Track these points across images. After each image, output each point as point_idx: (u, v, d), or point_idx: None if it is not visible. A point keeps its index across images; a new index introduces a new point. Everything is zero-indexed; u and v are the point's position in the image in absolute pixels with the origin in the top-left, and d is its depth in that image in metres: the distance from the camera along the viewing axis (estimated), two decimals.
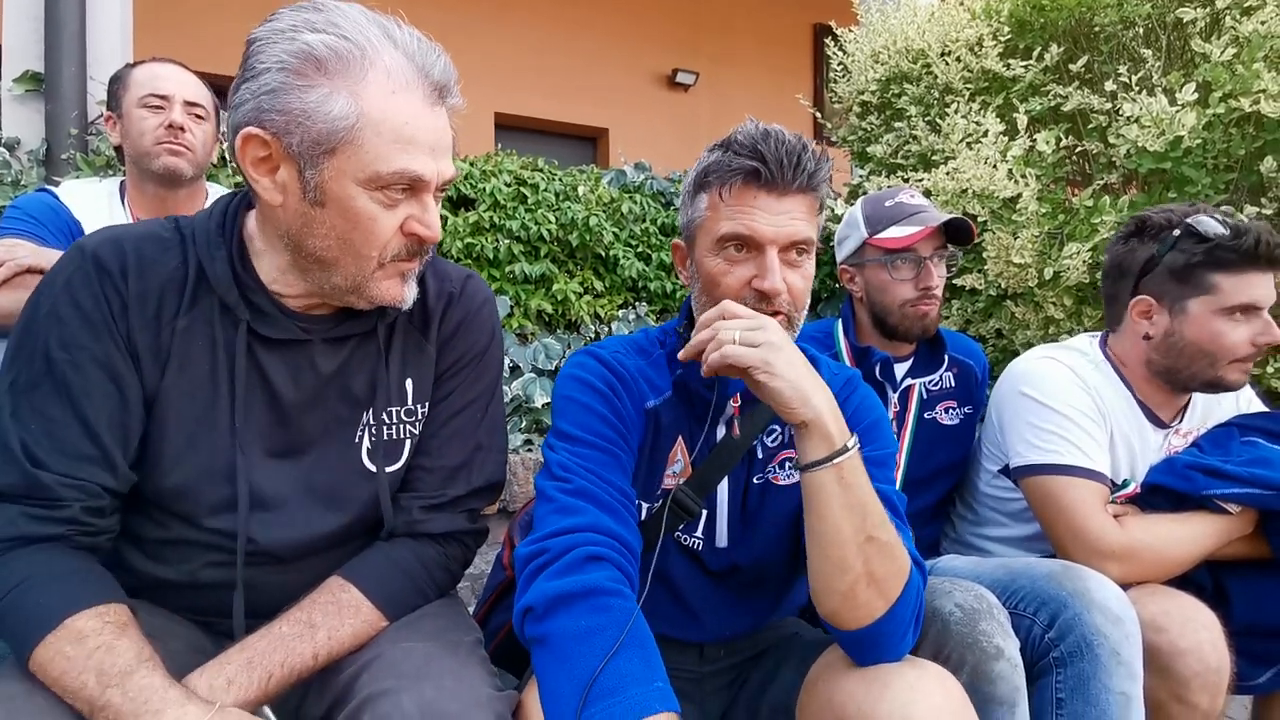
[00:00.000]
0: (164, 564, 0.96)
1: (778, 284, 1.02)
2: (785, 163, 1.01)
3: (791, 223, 1.02)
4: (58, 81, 2.78)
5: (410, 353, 1.04)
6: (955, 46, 2.75)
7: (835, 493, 0.90)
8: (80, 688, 0.77)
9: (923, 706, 0.87)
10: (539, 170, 3.10)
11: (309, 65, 0.82)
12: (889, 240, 1.61)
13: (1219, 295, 1.35)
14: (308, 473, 0.98)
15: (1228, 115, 2.07)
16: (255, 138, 0.85)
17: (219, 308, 0.94)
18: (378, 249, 0.90)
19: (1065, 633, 1.14)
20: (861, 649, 0.95)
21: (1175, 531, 1.32)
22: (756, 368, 0.91)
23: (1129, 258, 1.46)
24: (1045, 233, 2.33)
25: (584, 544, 0.92)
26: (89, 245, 0.92)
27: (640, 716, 0.79)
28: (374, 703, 0.83)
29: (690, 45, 7.32)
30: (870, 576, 0.90)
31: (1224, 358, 1.37)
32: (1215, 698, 1.18)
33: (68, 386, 0.87)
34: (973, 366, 1.74)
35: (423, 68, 0.87)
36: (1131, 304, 1.45)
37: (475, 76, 6.79)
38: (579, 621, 0.86)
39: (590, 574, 0.89)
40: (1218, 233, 1.33)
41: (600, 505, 0.97)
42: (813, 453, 0.91)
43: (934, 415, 1.67)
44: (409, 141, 0.85)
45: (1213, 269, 1.35)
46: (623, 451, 1.05)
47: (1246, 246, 1.32)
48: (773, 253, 1.03)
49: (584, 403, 1.06)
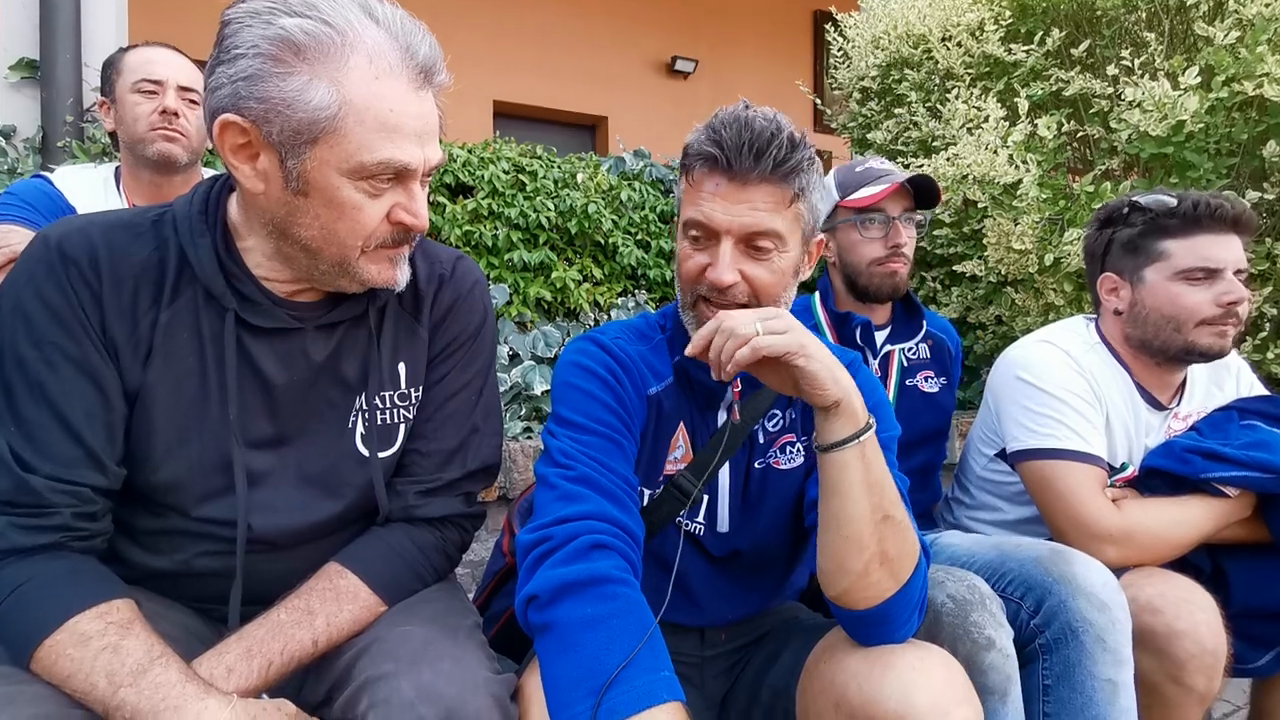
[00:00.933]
0: (157, 554, 0.95)
1: (722, 276, 0.99)
2: (745, 150, 0.97)
3: (751, 213, 0.98)
4: (53, 68, 2.77)
5: (402, 336, 1.03)
6: (956, 31, 2.72)
7: (858, 469, 0.90)
8: (90, 689, 0.76)
9: (925, 687, 0.87)
10: (538, 158, 3.08)
11: (287, 51, 0.79)
12: (858, 200, 1.63)
13: (1171, 260, 1.40)
14: (301, 460, 0.97)
15: (1230, 99, 2.05)
16: (233, 125, 0.81)
17: (203, 296, 0.91)
18: (363, 238, 0.88)
19: (1050, 619, 1.14)
20: (868, 630, 0.95)
21: (1173, 514, 1.32)
22: (795, 352, 0.87)
23: (1094, 244, 1.54)
24: (1046, 219, 2.32)
25: (588, 532, 0.91)
26: (53, 236, 0.87)
27: (648, 705, 0.78)
28: (372, 686, 0.83)
29: (690, 32, 7.27)
30: (884, 555, 0.90)
31: (1188, 320, 1.39)
32: (1212, 679, 1.18)
33: (43, 386, 0.84)
34: (946, 341, 1.77)
35: (407, 48, 0.83)
36: (1099, 283, 1.51)
37: (474, 64, 6.72)
38: (585, 609, 0.85)
39: (596, 562, 0.88)
40: (1159, 203, 1.41)
41: (603, 493, 0.96)
42: (840, 431, 0.90)
43: (915, 383, 1.69)
44: (394, 130, 0.82)
45: (1159, 236, 1.42)
46: (625, 439, 1.04)
47: (1185, 209, 1.38)
48: (727, 243, 1.00)
49: (586, 389, 1.05)
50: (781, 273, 1.02)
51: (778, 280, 1.02)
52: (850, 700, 0.91)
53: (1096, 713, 1.11)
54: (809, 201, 1.03)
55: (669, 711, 0.79)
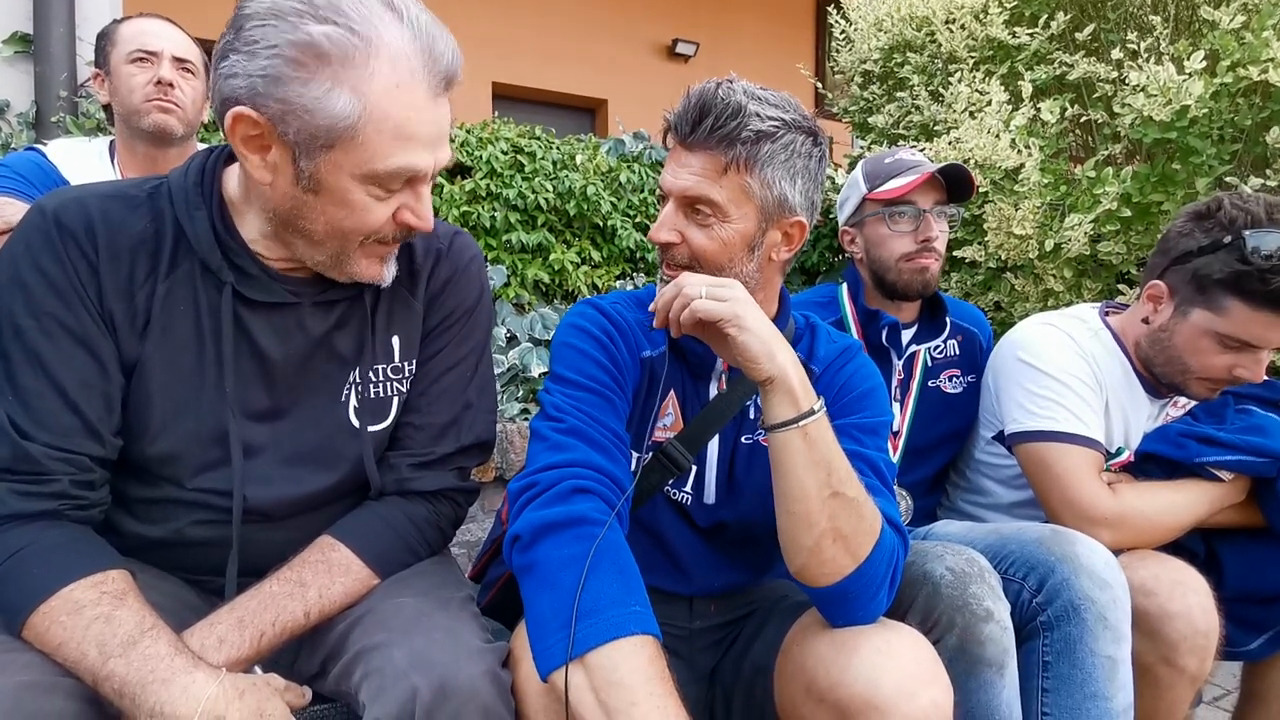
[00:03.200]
0: (151, 524, 0.95)
1: (658, 234, 1.06)
2: (686, 115, 1.02)
3: (689, 177, 1.03)
4: (46, 42, 2.74)
5: (397, 310, 1.03)
6: (960, 14, 2.70)
7: (800, 448, 0.91)
8: (80, 658, 0.77)
9: (891, 670, 0.88)
10: (536, 139, 3.06)
11: (310, 56, 0.78)
12: (887, 192, 1.57)
13: (1224, 320, 1.28)
14: (295, 432, 0.97)
15: (1235, 85, 2.03)
16: (247, 118, 0.80)
17: (200, 269, 0.91)
18: (366, 234, 0.89)
19: (1053, 597, 1.15)
20: (833, 608, 0.95)
21: (1167, 498, 1.33)
22: (727, 320, 0.91)
23: (1179, 239, 1.36)
24: (1047, 204, 2.31)
25: (571, 477, 0.94)
26: (49, 206, 0.87)
27: (615, 636, 0.80)
28: (366, 656, 0.84)
29: (691, 15, 7.22)
30: (836, 532, 0.90)
31: (1196, 373, 1.36)
32: (1204, 661, 1.19)
33: (40, 356, 0.84)
34: (977, 334, 1.71)
35: (430, 53, 0.82)
36: (1148, 285, 1.41)
37: (474, 46, 6.72)
38: (563, 550, 0.87)
39: (576, 505, 0.91)
40: (1264, 255, 1.22)
41: (591, 443, 0.98)
42: (780, 413, 0.91)
43: (938, 384, 1.65)
44: (410, 138, 0.83)
45: (1233, 293, 1.26)
46: (617, 396, 1.06)
47: (1276, 286, 1.22)
48: (670, 204, 1.06)
49: (580, 348, 1.08)
50: (723, 242, 1.04)
51: (719, 249, 1.04)
52: (819, 684, 0.92)
53: (1096, 688, 1.12)
54: (762, 176, 1.02)
55: (635, 643, 0.81)
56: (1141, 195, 2.15)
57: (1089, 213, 2.18)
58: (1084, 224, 2.18)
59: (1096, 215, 2.18)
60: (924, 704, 0.86)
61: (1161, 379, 1.42)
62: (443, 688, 0.78)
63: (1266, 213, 1.26)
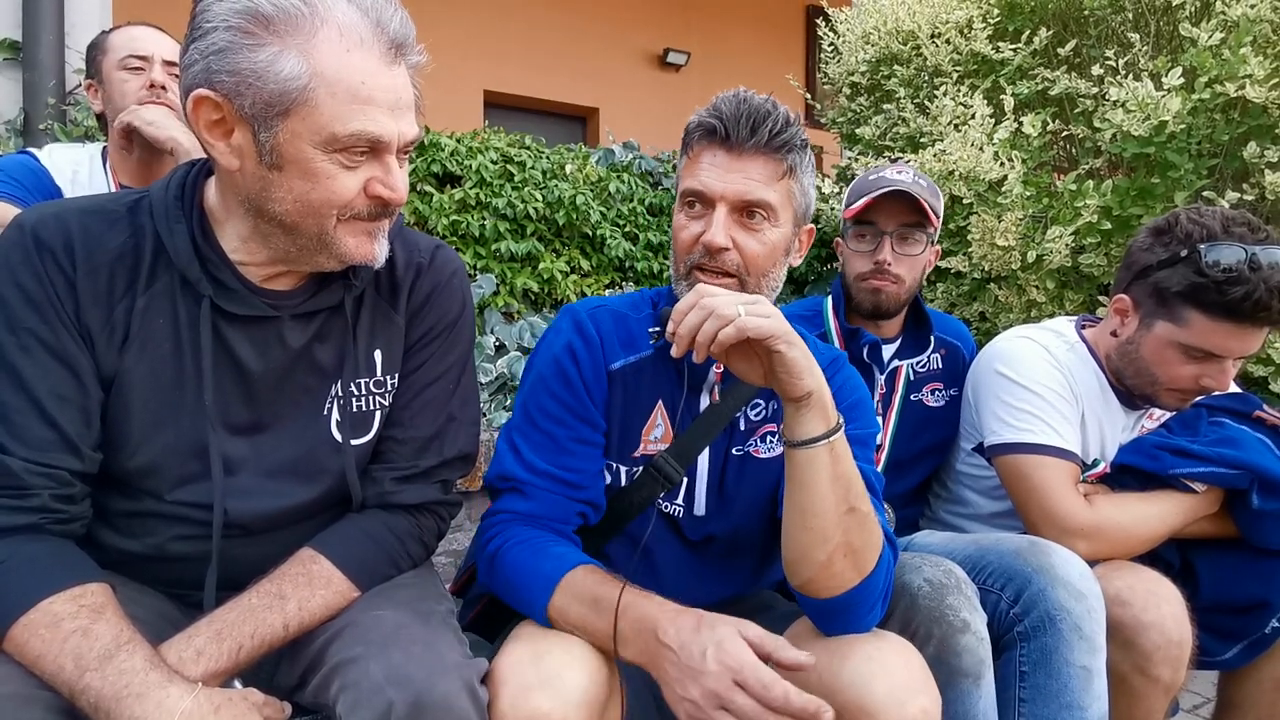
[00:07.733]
0: (131, 537, 0.95)
1: (716, 237, 1.02)
2: (742, 121, 1.01)
3: (745, 182, 1.02)
4: (35, 49, 2.74)
5: (379, 324, 1.03)
6: (945, 28, 2.74)
7: (826, 463, 0.91)
8: (57, 671, 0.76)
9: (882, 677, 0.89)
10: (526, 148, 3.07)
11: (256, 23, 0.79)
12: (853, 210, 1.60)
13: (1185, 331, 1.31)
14: (277, 445, 0.97)
15: (1213, 100, 2.07)
16: (206, 100, 0.82)
17: (180, 283, 0.91)
18: (338, 207, 0.87)
19: (1029, 608, 1.16)
20: (831, 619, 0.96)
21: (1142, 510, 1.34)
22: (778, 336, 0.87)
23: (1140, 253, 1.40)
24: (1029, 216, 2.34)
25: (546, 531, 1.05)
26: (28, 222, 0.87)
27: (569, 568, 0.96)
28: (343, 670, 0.83)
29: (682, 25, 7.26)
30: (848, 547, 0.92)
31: (1164, 384, 1.38)
32: (1177, 670, 1.21)
33: (17, 371, 0.85)
34: (960, 348, 1.73)
35: (378, 22, 0.83)
36: (1114, 299, 1.45)
37: (465, 54, 6.68)
38: (523, 552, 1.02)
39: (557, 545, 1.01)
40: (1219, 268, 1.25)
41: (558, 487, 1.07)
42: (812, 428, 0.90)
43: (920, 397, 1.67)
44: (366, 101, 0.83)
45: (1192, 305, 1.29)
46: (575, 430, 1.10)
47: (1232, 297, 1.24)
48: (722, 209, 1.03)
49: (544, 381, 1.12)
50: (772, 247, 1.05)
51: (767, 254, 1.05)
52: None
53: (1071, 698, 1.13)
54: (800, 183, 1.07)
55: (585, 570, 0.96)
56: (1121, 208, 2.19)
57: (1070, 225, 2.21)
58: (1065, 236, 2.20)
59: (1077, 227, 2.20)
60: (914, 712, 0.88)
61: (1133, 390, 1.45)
62: (418, 702, 0.78)
63: (1222, 226, 1.30)
